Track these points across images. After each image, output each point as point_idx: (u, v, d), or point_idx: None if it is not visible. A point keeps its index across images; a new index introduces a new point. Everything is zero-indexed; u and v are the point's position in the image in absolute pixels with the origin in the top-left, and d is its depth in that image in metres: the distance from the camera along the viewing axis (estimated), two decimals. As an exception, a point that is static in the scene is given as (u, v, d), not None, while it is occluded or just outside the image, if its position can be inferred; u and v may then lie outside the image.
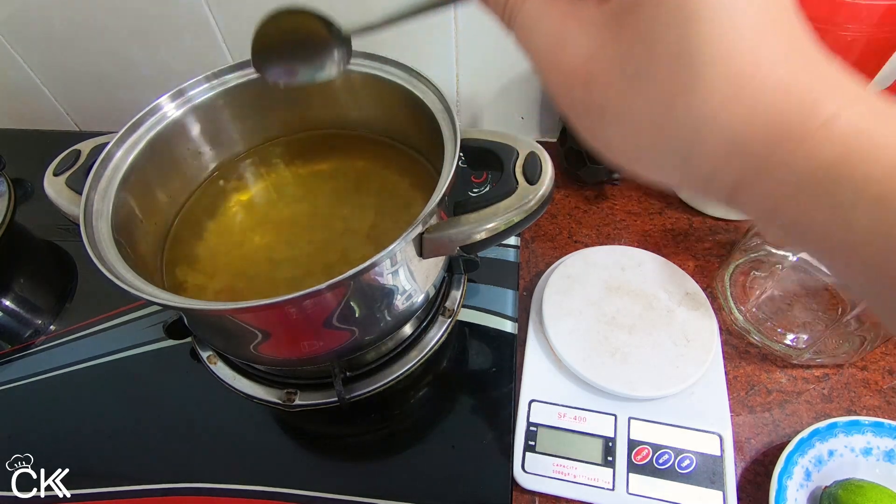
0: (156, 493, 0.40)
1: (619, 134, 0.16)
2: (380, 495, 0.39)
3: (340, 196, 0.43)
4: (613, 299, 0.46)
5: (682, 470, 0.38)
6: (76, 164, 0.38)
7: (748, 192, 0.15)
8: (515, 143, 0.35)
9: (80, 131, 0.72)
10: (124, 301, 0.51)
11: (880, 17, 0.38)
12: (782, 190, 0.14)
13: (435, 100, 0.38)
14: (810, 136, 0.13)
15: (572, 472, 0.38)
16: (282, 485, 0.40)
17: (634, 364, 0.42)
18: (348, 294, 0.33)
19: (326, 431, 0.44)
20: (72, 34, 0.58)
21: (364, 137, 0.47)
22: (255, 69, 0.29)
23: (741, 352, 0.45)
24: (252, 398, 0.41)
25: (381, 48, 0.40)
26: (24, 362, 0.48)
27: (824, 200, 0.14)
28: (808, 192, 0.14)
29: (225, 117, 0.43)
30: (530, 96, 0.60)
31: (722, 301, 0.48)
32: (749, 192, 0.15)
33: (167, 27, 0.56)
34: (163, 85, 0.39)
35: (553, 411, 0.41)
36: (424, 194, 0.41)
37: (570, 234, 0.54)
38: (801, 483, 0.37)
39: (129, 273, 0.31)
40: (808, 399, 0.43)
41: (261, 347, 0.35)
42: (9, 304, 0.54)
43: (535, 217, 0.34)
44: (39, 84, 0.65)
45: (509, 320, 0.47)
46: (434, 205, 0.31)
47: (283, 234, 0.42)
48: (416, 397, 0.45)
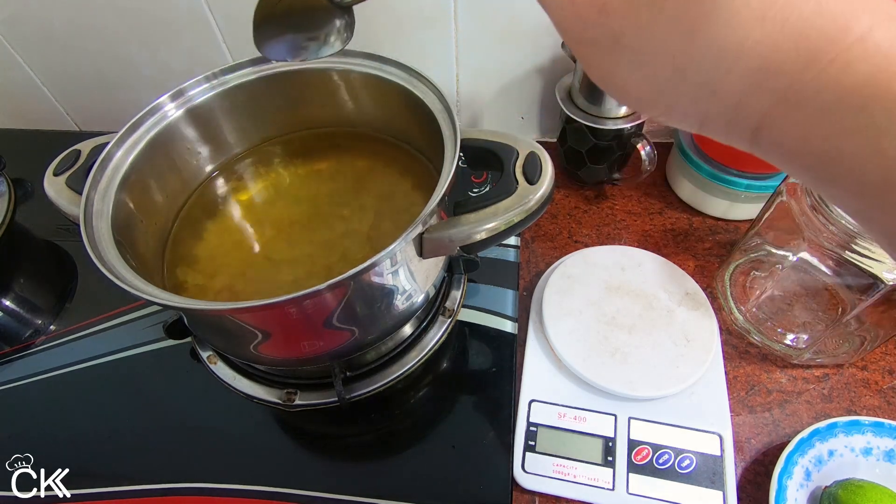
0: (156, 493, 0.40)
1: (636, 70, 0.15)
2: (380, 495, 0.39)
3: (340, 196, 0.43)
4: (613, 299, 0.46)
5: (682, 470, 0.38)
6: (76, 164, 0.38)
7: (775, 125, 0.14)
8: (515, 143, 0.35)
9: (80, 131, 0.72)
10: (124, 301, 0.51)
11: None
12: (811, 118, 0.13)
13: (435, 100, 0.38)
14: (842, 54, 0.12)
15: (572, 472, 0.39)
16: (282, 485, 0.40)
17: (634, 364, 0.42)
18: (348, 294, 0.33)
19: (326, 431, 0.44)
20: (72, 34, 0.58)
21: (364, 136, 0.47)
22: (257, 47, 0.29)
23: (741, 352, 0.45)
24: (252, 398, 0.41)
25: (381, 48, 0.40)
26: (24, 362, 0.48)
27: (855, 124, 0.13)
28: (838, 117, 0.13)
29: (225, 117, 0.43)
30: (530, 96, 0.60)
31: (722, 301, 0.48)
32: (776, 125, 0.14)
33: (167, 27, 0.56)
34: (163, 85, 0.39)
35: (553, 411, 0.41)
36: (424, 194, 0.41)
37: (570, 234, 0.54)
38: (801, 483, 0.37)
39: (129, 273, 0.31)
40: (808, 399, 0.43)
41: (261, 347, 0.35)
42: (9, 304, 0.54)
43: (535, 217, 0.34)
44: (39, 84, 0.65)
45: (509, 320, 0.47)
46: (434, 205, 0.31)
47: (284, 234, 0.42)
48: (416, 397, 0.45)
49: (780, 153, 0.15)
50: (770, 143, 0.15)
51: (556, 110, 0.58)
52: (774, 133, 0.14)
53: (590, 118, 0.50)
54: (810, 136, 0.14)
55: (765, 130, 0.14)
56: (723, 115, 0.15)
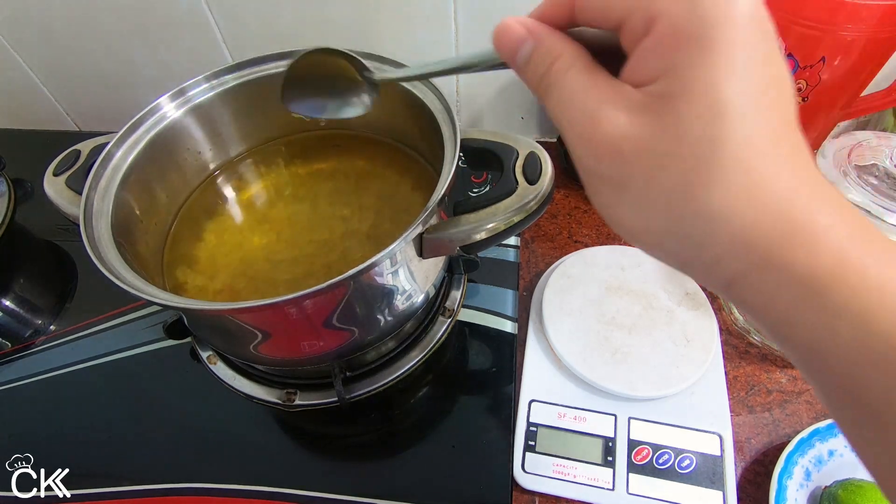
0: (156, 493, 0.40)
1: (635, 210, 0.17)
2: (380, 495, 0.39)
3: (340, 196, 0.43)
4: (613, 299, 0.46)
5: (682, 470, 0.38)
6: (76, 164, 0.38)
7: (746, 284, 0.16)
8: (515, 143, 0.35)
9: (80, 131, 0.72)
10: (124, 301, 0.51)
11: (880, 17, 0.38)
12: (777, 287, 0.16)
13: (435, 100, 0.38)
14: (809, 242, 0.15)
15: (572, 472, 0.38)
16: (282, 485, 0.40)
17: (634, 364, 0.42)
18: (348, 294, 0.33)
19: (326, 431, 0.44)
20: (72, 34, 0.58)
21: (364, 137, 0.47)
22: (283, 101, 0.31)
23: (741, 352, 0.45)
24: (252, 398, 0.41)
25: (382, 48, 0.40)
26: (24, 362, 0.48)
27: (814, 302, 0.15)
28: (800, 292, 0.15)
29: (225, 117, 0.43)
30: (530, 96, 0.60)
31: (722, 301, 0.48)
32: (746, 284, 0.16)
33: (167, 27, 0.56)
34: (163, 85, 0.39)
35: (553, 411, 0.41)
36: (424, 194, 0.41)
37: (570, 234, 0.54)
38: (801, 483, 0.37)
39: (129, 273, 0.31)
40: (808, 399, 0.43)
41: (261, 347, 0.35)
42: (9, 304, 0.54)
43: (535, 217, 0.34)
44: (39, 84, 0.65)
45: (509, 320, 0.47)
46: (434, 205, 0.31)
47: (284, 234, 0.42)
48: (416, 397, 0.45)
49: (747, 307, 0.17)
50: (739, 298, 0.17)
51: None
52: (744, 292, 0.16)
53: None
54: (775, 300, 0.16)
55: (735, 287, 0.17)
56: (703, 265, 0.17)
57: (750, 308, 0.17)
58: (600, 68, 0.18)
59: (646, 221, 0.17)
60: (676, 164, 0.16)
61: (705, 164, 0.15)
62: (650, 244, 0.18)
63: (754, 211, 0.15)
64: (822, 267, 0.15)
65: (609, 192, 0.18)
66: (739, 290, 0.17)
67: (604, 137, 0.17)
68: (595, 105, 0.17)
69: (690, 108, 0.15)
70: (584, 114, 0.17)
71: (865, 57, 0.41)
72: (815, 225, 0.15)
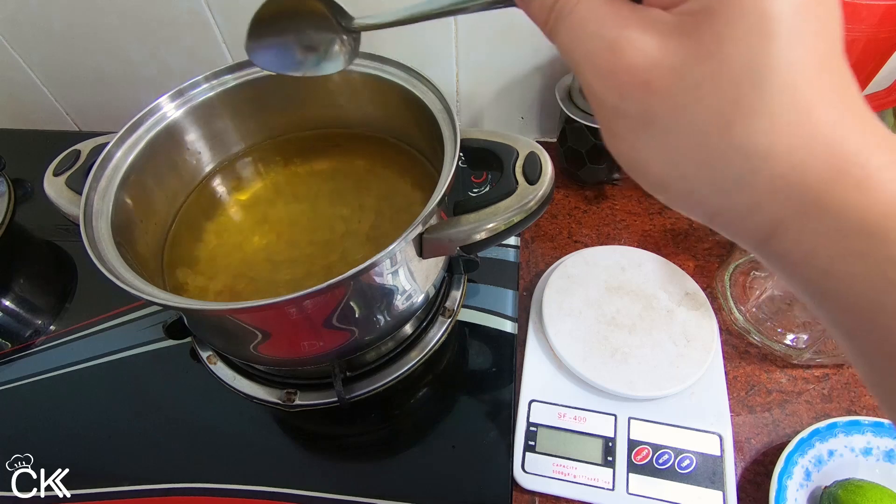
0: (156, 493, 0.40)
1: (663, 151, 0.15)
2: (380, 495, 0.39)
3: (340, 196, 0.43)
4: (613, 299, 0.46)
5: (682, 470, 0.38)
6: (76, 164, 0.38)
7: (788, 235, 0.14)
8: (515, 143, 0.35)
9: (80, 131, 0.72)
10: (124, 301, 0.51)
11: (880, 17, 0.38)
12: (822, 235, 0.14)
13: (435, 100, 0.38)
14: (863, 185, 0.13)
15: (572, 472, 0.39)
16: (282, 485, 0.40)
17: (634, 364, 0.42)
18: (348, 294, 0.33)
19: (326, 431, 0.44)
20: (72, 34, 0.58)
21: (364, 136, 0.47)
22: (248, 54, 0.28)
23: (741, 352, 0.45)
24: (252, 398, 0.41)
25: (381, 48, 0.40)
26: (24, 362, 0.48)
27: (866, 251, 0.13)
28: (852, 238, 0.13)
29: (224, 117, 0.43)
30: (530, 96, 0.60)
31: (722, 301, 0.48)
32: (789, 235, 0.14)
33: (167, 27, 0.56)
34: (163, 85, 0.39)
35: (553, 411, 0.41)
36: (424, 194, 0.41)
37: (570, 234, 0.54)
38: (801, 483, 0.37)
39: (129, 273, 0.31)
40: (808, 399, 0.43)
41: (261, 347, 0.35)
42: (9, 304, 0.54)
43: (535, 217, 0.34)
44: (39, 84, 0.65)
45: (509, 320, 0.47)
46: (434, 205, 0.31)
47: (283, 234, 0.42)
48: (416, 397, 0.45)
49: (784, 261, 0.15)
50: (778, 250, 0.15)
51: (556, 110, 0.58)
52: (785, 242, 0.14)
53: (590, 118, 0.50)
54: (819, 250, 0.14)
55: (776, 238, 0.14)
56: (738, 213, 0.15)
57: (785, 265, 0.15)
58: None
59: (676, 164, 0.15)
60: (714, 93, 0.14)
61: (748, 92, 0.13)
62: (677, 192, 0.16)
63: (801, 146, 0.13)
64: (877, 211, 0.13)
65: (632, 133, 0.16)
66: (778, 242, 0.14)
67: (629, 68, 0.14)
68: (616, 32, 0.15)
69: (733, 26, 0.13)
70: (604, 43, 0.15)
71: (865, 57, 0.41)
72: (869, 164, 0.13)
